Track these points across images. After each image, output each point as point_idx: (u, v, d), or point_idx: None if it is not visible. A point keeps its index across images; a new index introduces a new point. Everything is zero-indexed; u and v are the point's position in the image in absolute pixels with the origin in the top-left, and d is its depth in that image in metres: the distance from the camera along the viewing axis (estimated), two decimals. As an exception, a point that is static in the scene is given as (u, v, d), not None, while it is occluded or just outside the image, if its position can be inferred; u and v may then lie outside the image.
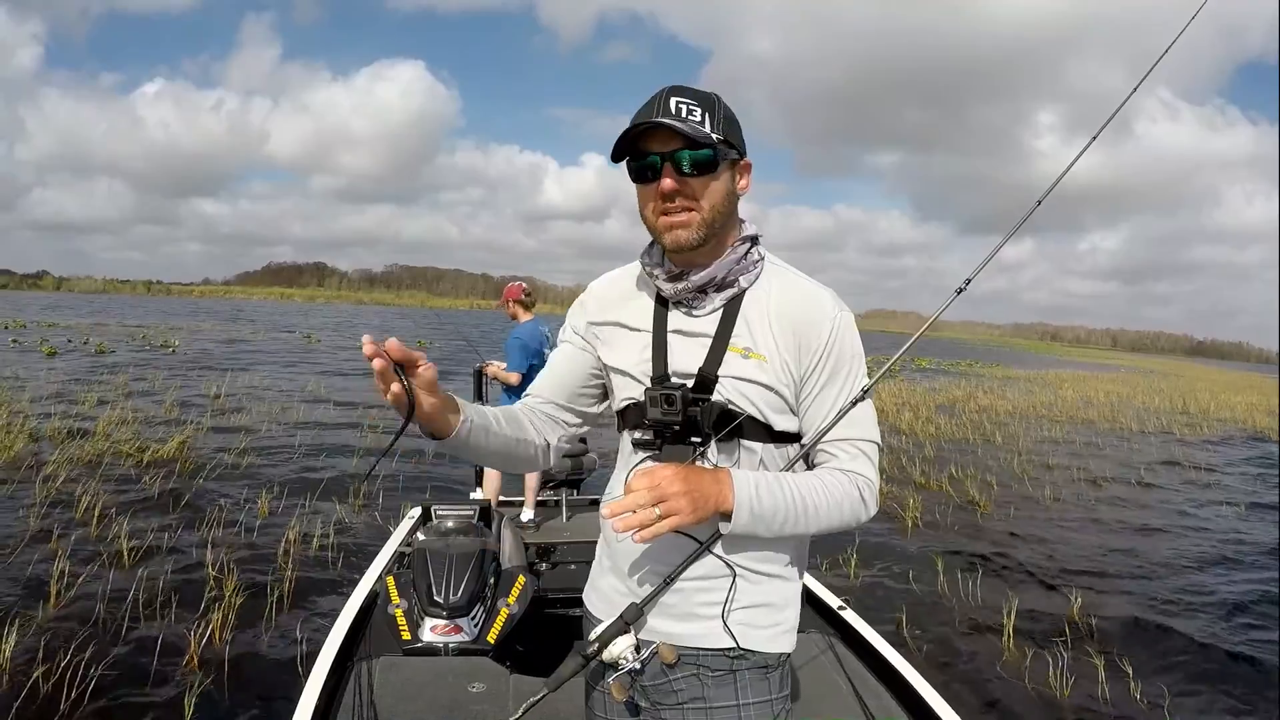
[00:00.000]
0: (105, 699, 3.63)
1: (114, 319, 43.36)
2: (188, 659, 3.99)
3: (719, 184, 1.25)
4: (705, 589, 1.29)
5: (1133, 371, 48.94)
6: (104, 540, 5.73)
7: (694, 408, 1.25)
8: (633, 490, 1.14)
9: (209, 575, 5.06)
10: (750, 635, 1.29)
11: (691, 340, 1.31)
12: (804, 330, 1.28)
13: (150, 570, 5.07)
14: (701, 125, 1.22)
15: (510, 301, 5.28)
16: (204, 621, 4.31)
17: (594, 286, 1.47)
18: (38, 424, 9.81)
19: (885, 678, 2.65)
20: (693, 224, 1.25)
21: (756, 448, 1.29)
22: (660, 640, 1.31)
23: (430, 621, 2.92)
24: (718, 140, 1.22)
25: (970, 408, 18.24)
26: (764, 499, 1.20)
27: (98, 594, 4.69)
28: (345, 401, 14.16)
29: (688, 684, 1.31)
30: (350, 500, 7.20)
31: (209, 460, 8.54)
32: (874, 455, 1.31)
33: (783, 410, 1.29)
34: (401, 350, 1.05)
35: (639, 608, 1.28)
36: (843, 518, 1.27)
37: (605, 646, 1.27)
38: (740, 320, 1.29)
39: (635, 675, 1.33)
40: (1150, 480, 11.17)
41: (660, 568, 1.30)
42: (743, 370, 1.27)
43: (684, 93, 1.24)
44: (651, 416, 1.27)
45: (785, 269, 1.35)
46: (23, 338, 25.74)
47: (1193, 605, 5.90)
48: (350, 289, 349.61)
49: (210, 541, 5.79)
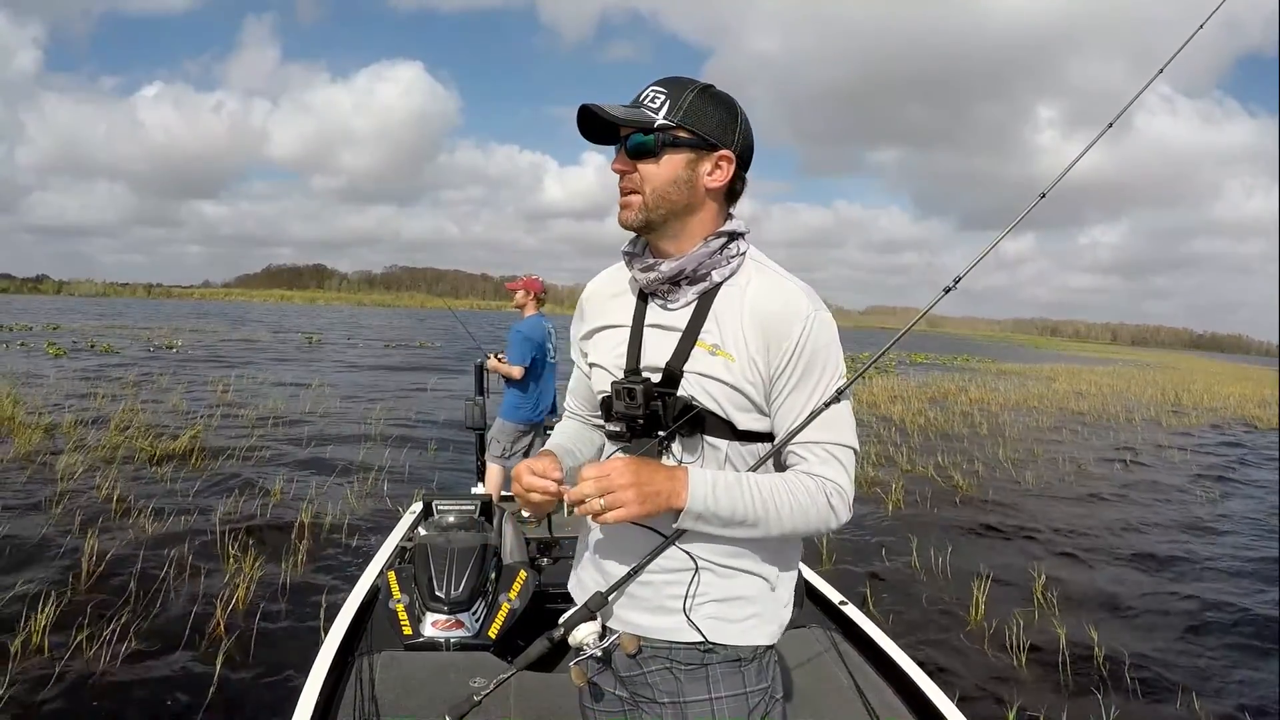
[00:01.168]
0: (142, 660, 3.99)
1: (113, 321, 43.70)
2: (215, 624, 4.36)
3: (659, 169, 1.26)
4: (673, 582, 1.30)
5: (1130, 365, 49.11)
6: (128, 521, 6.13)
7: (656, 402, 1.27)
8: (583, 479, 1.19)
9: (229, 552, 5.44)
10: (720, 629, 1.30)
11: (664, 334, 1.32)
12: (774, 329, 1.27)
13: (175, 548, 5.44)
14: (657, 112, 1.24)
15: (532, 292, 5.42)
16: (229, 588, 4.70)
17: (589, 288, 1.49)
18: (54, 418, 10.19)
19: (887, 673, 2.65)
20: (633, 205, 1.29)
21: (721, 445, 1.29)
22: (628, 630, 1.33)
23: (431, 616, 2.94)
24: (668, 126, 1.24)
25: (961, 400, 18.58)
26: (720, 498, 1.21)
27: (128, 569, 5.08)
28: (349, 395, 14.58)
29: (661, 677, 1.32)
30: (357, 486, 7.56)
31: (222, 451, 8.92)
32: (848, 460, 1.29)
33: (748, 409, 1.29)
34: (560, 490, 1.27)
35: (603, 596, 1.31)
36: (808, 523, 1.26)
37: (570, 631, 1.30)
38: (710, 316, 1.29)
39: (604, 664, 1.37)
40: (1134, 463, 11.53)
41: (628, 559, 1.31)
42: (708, 367, 1.27)
43: (664, 82, 1.27)
44: (616, 409, 1.30)
45: (766, 266, 1.34)
46: (29, 341, 26.09)
47: (1163, 572, 6.28)
48: (350, 290, 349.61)
49: (229, 518, 6.21)
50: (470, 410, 5.26)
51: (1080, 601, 5.52)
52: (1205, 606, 5.58)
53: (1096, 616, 5.20)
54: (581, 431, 1.53)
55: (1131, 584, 6.05)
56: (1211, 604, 5.63)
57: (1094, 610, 5.37)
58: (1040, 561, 6.26)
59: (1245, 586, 6.12)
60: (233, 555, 5.38)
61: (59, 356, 20.24)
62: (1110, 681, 4.32)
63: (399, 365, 22.97)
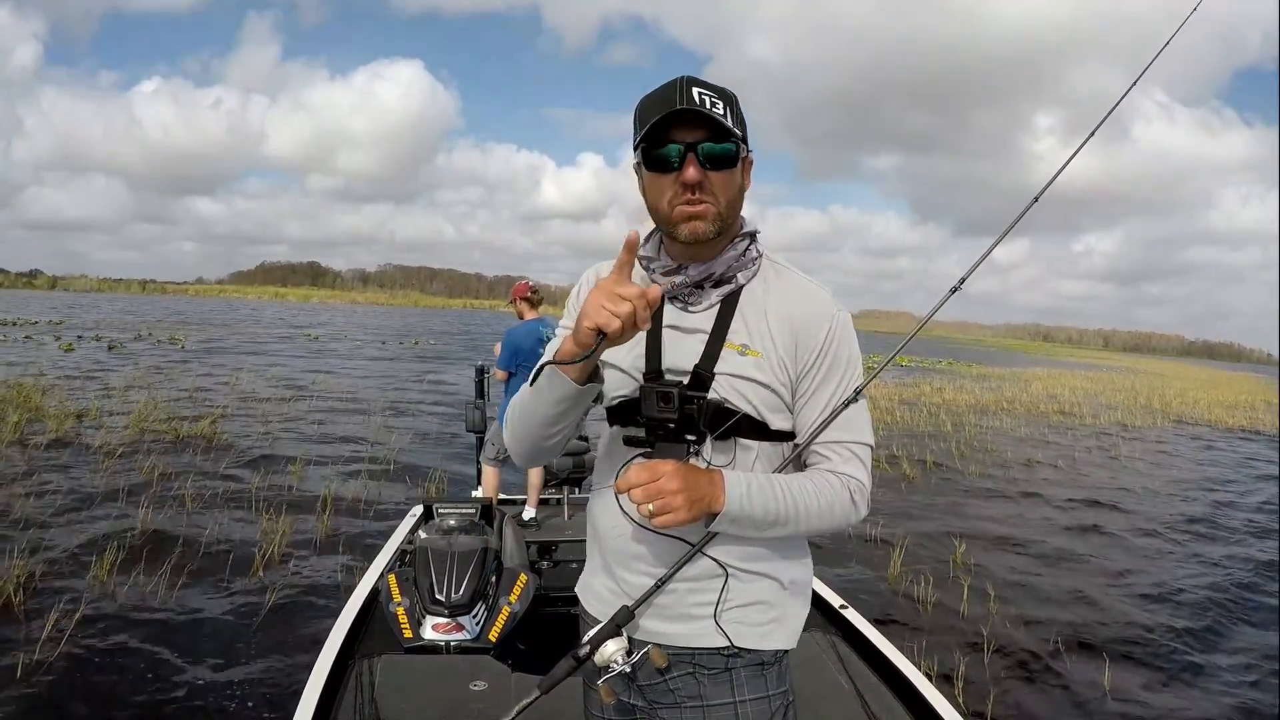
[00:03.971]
0: (189, 590, 4.93)
1: (114, 314, 44.46)
2: (254, 568, 5.31)
3: (735, 179, 1.25)
4: (698, 589, 1.29)
5: (1114, 370, 49.93)
6: (169, 486, 7.14)
7: (689, 405, 1.25)
8: (631, 483, 1.13)
9: (261, 517, 6.39)
10: (744, 633, 1.29)
11: (687, 336, 1.29)
12: (802, 328, 1.27)
13: (213, 515, 6.41)
14: (725, 118, 1.20)
15: (517, 299, 5.37)
16: (265, 540, 5.66)
17: (592, 276, 1.42)
18: (82, 405, 11.11)
19: (887, 677, 2.66)
20: (708, 216, 1.23)
21: (753, 446, 1.28)
22: (653, 641, 1.29)
23: (432, 619, 2.97)
24: (740, 136, 1.22)
25: (933, 401, 19.51)
26: (755, 500, 1.20)
27: (176, 525, 6.06)
28: (351, 389, 15.51)
29: (684, 683, 1.31)
30: (368, 466, 8.49)
31: (239, 437, 9.89)
32: (866, 458, 1.31)
33: (779, 409, 1.29)
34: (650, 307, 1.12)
35: (630, 611, 1.27)
36: (833, 520, 1.27)
37: (596, 649, 1.26)
38: (737, 317, 1.29)
39: (629, 678, 1.33)
40: (1082, 462, 12.50)
41: (651, 568, 1.30)
42: (739, 368, 1.26)
43: (703, 84, 1.21)
44: (647, 413, 1.27)
45: (784, 267, 1.34)
46: (34, 335, 26.94)
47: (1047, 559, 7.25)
48: (344, 288, 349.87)
49: (259, 488, 7.20)
50: (470, 414, 5.31)
51: (989, 570, 6.46)
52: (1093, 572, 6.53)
53: (997, 576, 6.15)
54: None
55: (1026, 555, 7.01)
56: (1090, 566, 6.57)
57: (995, 574, 6.31)
58: (962, 536, 7.17)
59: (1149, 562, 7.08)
60: (265, 515, 6.35)
61: (69, 351, 21.10)
62: (996, 638, 5.25)
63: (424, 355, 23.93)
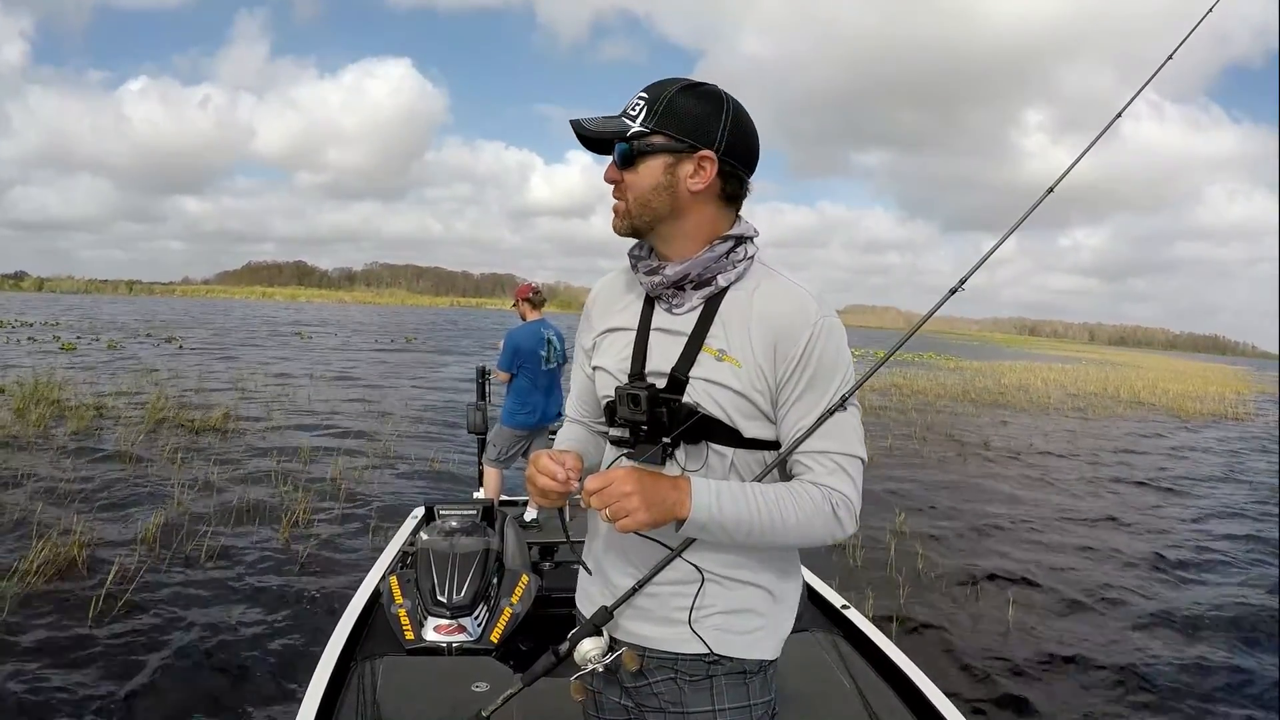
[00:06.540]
0: (228, 563, 5.65)
1: (111, 317, 44.88)
2: (282, 532, 6.11)
3: (639, 177, 1.26)
4: (679, 594, 1.29)
5: (1093, 364, 50.11)
6: (193, 470, 7.91)
7: (660, 408, 1.25)
8: (587, 493, 1.18)
9: (281, 492, 7.20)
10: (726, 641, 1.29)
11: (670, 338, 1.30)
12: (781, 336, 1.24)
13: (239, 492, 7.20)
14: (636, 119, 1.23)
15: (520, 301, 5.41)
16: (288, 515, 6.44)
17: (595, 290, 1.48)
18: (98, 401, 11.83)
19: (889, 677, 2.66)
20: (619, 211, 1.29)
21: (727, 453, 1.27)
22: (635, 643, 1.31)
23: (433, 621, 2.98)
24: (643, 133, 1.24)
25: (904, 390, 20.36)
26: (725, 507, 1.19)
27: (205, 499, 6.87)
28: (348, 379, 16.28)
29: (666, 688, 1.32)
30: (371, 455, 9.29)
31: (250, 426, 10.69)
32: (855, 471, 1.26)
33: (755, 417, 1.27)
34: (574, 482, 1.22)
35: (609, 611, 1.29)
36: (814, 534, 1.24)
37: (574, 646, 1.29)
38: (717, 321, 1.27)
39: (610, 676, 1.36)
40: (1038, 448, 13.37)
41: (633, 570, 1.31)
42: (715, 373, 1.25)
43: (650, 87, 1.26)
44: (620, 414, 1.29)
45: (774, 271, 1.31)
46: (34, 336, 27.49)
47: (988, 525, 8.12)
48: (331, 287, 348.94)
49: (277, 469, 8.01)
50: (471, 415, 5.28)
51: (927, 533, 7.31)
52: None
53: (926, 533, 7.01)
54: (586, 435, 1.51)
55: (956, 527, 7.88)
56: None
57: (927, 537, 7.16)
58: (907, 511, 8.01)
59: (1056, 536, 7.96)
60: (285, 490, 7.18)
61: (69, 350, 21.72)
62: (911, 571, 6.08)
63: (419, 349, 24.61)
